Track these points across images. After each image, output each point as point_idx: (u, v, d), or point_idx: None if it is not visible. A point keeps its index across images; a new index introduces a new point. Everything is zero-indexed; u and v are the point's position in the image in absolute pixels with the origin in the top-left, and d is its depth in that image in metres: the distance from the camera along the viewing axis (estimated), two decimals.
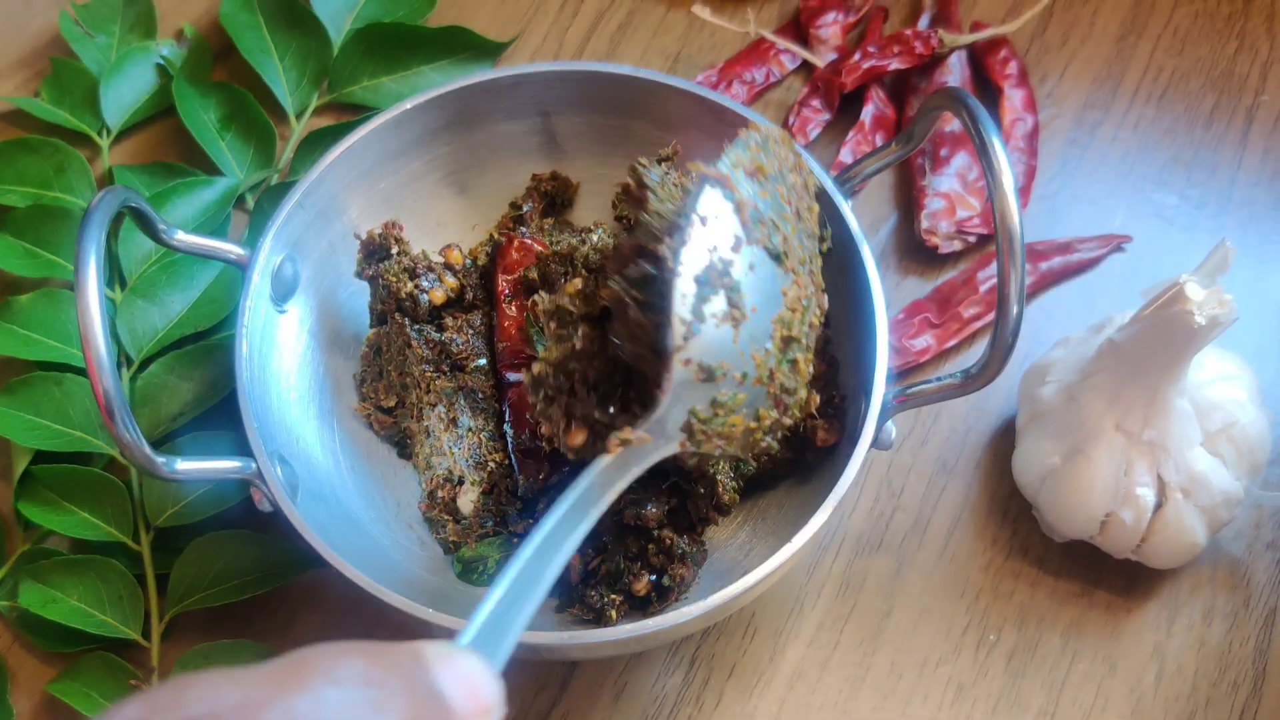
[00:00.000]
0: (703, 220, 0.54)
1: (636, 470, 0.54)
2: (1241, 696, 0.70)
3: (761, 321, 0.56)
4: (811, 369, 0.61)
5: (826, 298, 0.63)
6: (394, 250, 0.71)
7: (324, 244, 0.73)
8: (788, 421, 0.60)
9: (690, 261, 0.54)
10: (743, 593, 0.61)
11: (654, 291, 0.54)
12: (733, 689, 0.71)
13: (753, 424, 0.57)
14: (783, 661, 0.72)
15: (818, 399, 0.62)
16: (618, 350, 0.57)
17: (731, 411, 0.56)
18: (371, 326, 0.74)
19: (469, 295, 0.73)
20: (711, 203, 0.55)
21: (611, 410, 0.58)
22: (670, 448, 0.55)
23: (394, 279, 0.71)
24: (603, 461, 0.53)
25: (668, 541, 0.68)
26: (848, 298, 0.70)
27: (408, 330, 0.71)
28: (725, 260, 0.55)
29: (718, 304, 0.55)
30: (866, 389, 0.66)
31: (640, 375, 0.56)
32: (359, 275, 0.72)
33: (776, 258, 0.57)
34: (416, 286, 0.71)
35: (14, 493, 0.74)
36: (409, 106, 0.72)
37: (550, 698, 0.71)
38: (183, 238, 0.66)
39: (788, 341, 0.58)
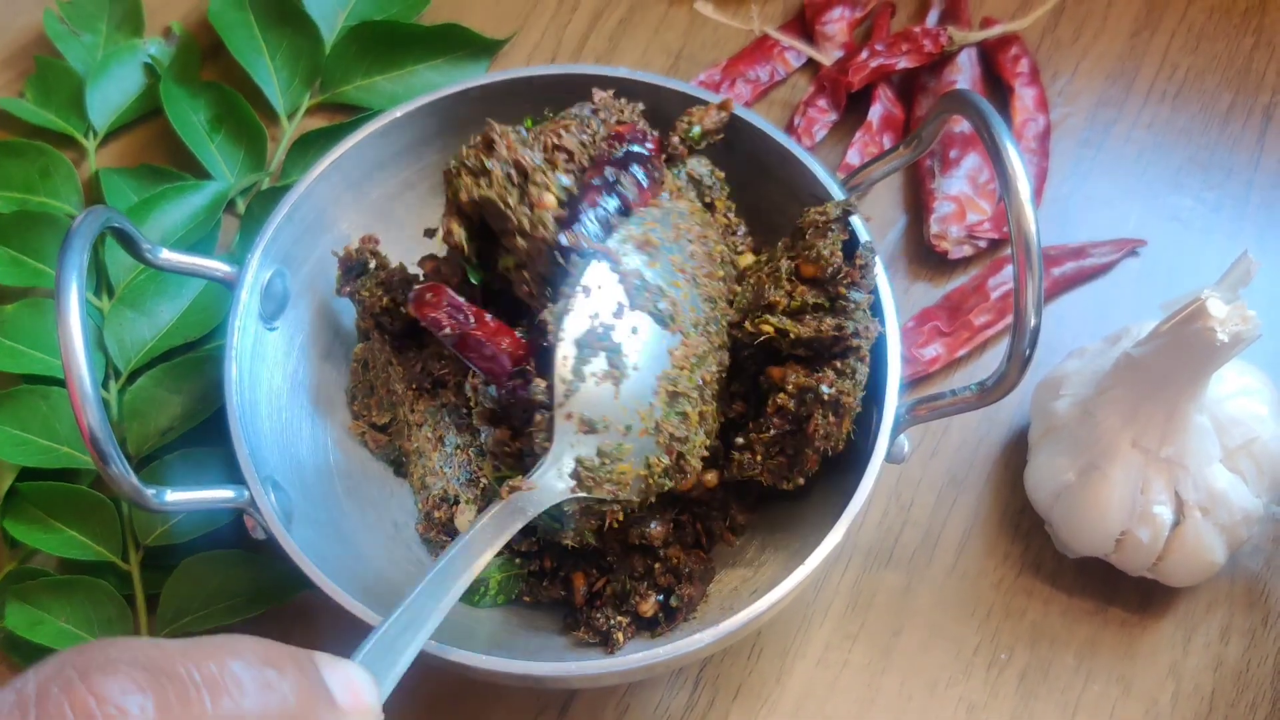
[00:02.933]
0: (586, 291, 0.60)
1: (532, 512, 0.59)
2: (1260, 718, 0.69)
3: (645, 379, 0.61)
4: (713, 418, 0.64)
5: (726, 354, 0.66)
6: (371, 265, 0.69)
7: (314, 257, 0.71)
8: (691, 466, 0.63)
9: (573, 328, 0.60)
10: (755, 617, 0.60)
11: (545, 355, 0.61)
12: (739, 710, 0.69)
13: (643, 471, 0.61)
14: (790, 681, 0.70)
15: (706, 441, 0.64)
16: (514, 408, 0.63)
17: (618, 460, 0.60)
18: (359, 342, 0.72)
19: None
20: (597, 274, 0.61)
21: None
22: (561, 492, 0.60)
23: (368, 294, 0.69)
24: (494, 507, 0.58)
25: (675, 560, 0.66)
26: None
27: (389, 348, 0.69)
28: (607, 325, 0.60)
29: (599, 364, 0.60)
30: (878, 401, 0.64)
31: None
32: (339, 293, 0.70)
33: (662, 321, 0.62)
34: (393, 301, 0.69)
35: None
36: (399, 115, 0.70)
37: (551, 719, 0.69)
38: (168, 256, 0.64)
39: (674, 396, 0.62)
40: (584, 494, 0.60)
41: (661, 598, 0.66)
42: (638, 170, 0.64)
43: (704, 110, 0.70)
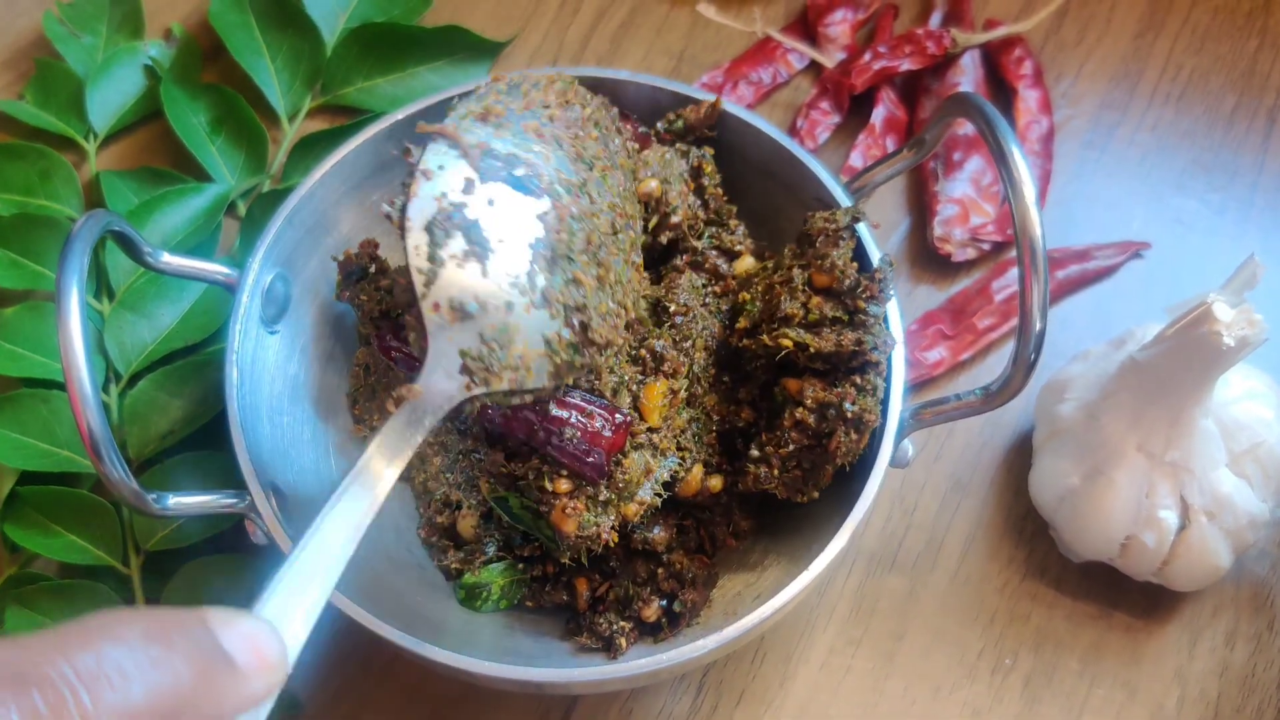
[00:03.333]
0: (426, 174, 0.58)
1: (430, 421, 0.55)
2: None
3: (516, 250, 0.58)
4: (621, 276, 0.61)
5: (633, 207, 0.65)
6: (371, 269, 0.69)
7: (316, 261, 0.70)
8: (600, 334, 0.60)
9: (419, 213, 0.57)
10: (759, 623, 0.59)
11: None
12: (742, 716, 0.69)
13: (543, 350, 0.58)
14: (794, 686, 0.70)
15: (614, 308, 0.61)
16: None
17: (508, 343, 0.57)
18: (360, 346, 0.72)
19: None
20: (437, 155, 0.59)
21: None
22: (454, 393, 0.56)
23: (367, 299, 0.69)
24: (388, 422, 0.55)
25: (678, 565, 0.66)
26: None
27: None
28: (457, 203, 0.58)
29: (456, 245, 0.57)
30: (883, 406, 0.64)
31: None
32: (338, 299, 0.70)
33: (522, 187, 0.59)
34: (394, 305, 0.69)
35: None
36: (401, 117, 0.70)
37: None
38: (169, 260, 0.63)
39: (554, 261, 0.58)
40: (482, 390, 0.56)
41: (664, 603, 0.65)
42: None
43: (695, 107, 0.70)
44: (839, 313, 0.63)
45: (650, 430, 0.63)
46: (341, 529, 0.50)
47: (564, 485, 0.60)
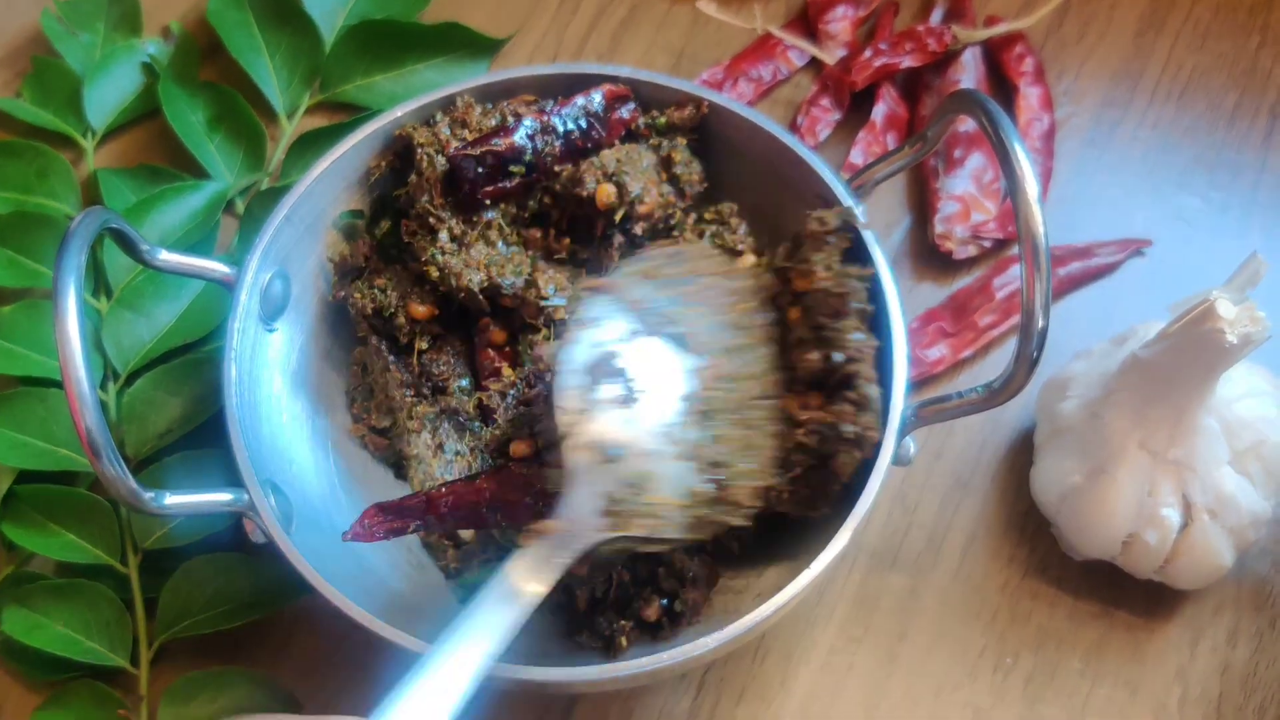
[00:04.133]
0: (585, 322, 0.60)
1: (568, 556, 0.55)
2: None
3: (664, 400, 0.59)
4: (761, 446, 0.61)
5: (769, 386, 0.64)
6: (366, 268, 0.69)
7: (314, 258, 0.70)
8: (738, 496, 0.60)
9: (572, 359, 0.59)
10: (760, 622, 0.59)
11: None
12: (743, 715, 0.69)
13: (683, 501, 0.58)
14: (795, 685, 0.70)
15: (754, 470, 0.61)
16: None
17: (643, 488, 0.57)
18: (358, 345, 0.72)
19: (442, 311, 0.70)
20: (598, 306, 0.61)
21: None
22: (592, 533, 0.56)
23: (360, 296, 0.68)
24: (530, 546, 0.55)
25: (679, 565, 0.66)
26: None
27: (385, 354, 0.69)
28: (612, 353, 0.59)
29: (608, 391, 0.58)
30: (885, 403, 0.63)
31: None
32: (333, 299, 0.70)
33: (679, 343, 0.61)
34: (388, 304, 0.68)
35: None
36: (399, 114, 0.69)
37: None
38: (166, 257, 0.63)
39: (706, 415, 0.60)
40: (620, 531, 0.57)
41: (665, 602, 0.65)
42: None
43: (679, 109, 0.70)
44: (806, 334, 0.63)
45: None
46: (478, 639, 0.51)
47: None
